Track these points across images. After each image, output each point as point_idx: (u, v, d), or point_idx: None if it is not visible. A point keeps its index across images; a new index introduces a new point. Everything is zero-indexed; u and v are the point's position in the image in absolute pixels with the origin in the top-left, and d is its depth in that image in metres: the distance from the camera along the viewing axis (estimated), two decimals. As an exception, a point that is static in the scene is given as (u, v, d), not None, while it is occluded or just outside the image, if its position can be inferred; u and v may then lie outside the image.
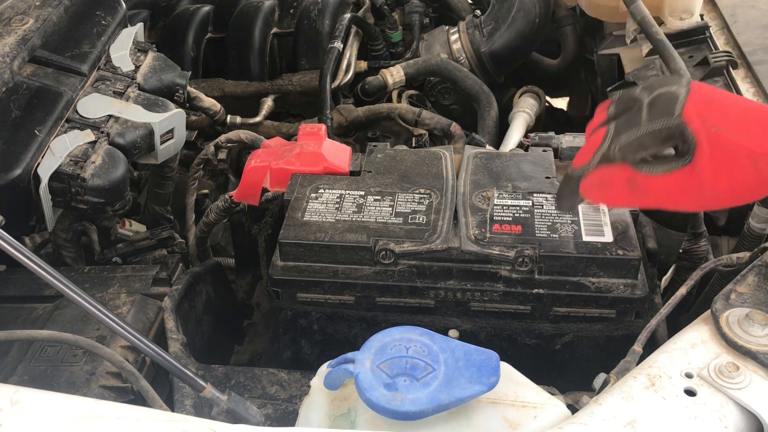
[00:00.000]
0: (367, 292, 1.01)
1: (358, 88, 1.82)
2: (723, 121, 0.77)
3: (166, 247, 1.40)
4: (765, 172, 0.76)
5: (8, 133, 1.13)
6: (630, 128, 0.79)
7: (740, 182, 0.78)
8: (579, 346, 1.02)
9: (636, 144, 0.79)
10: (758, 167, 0.76)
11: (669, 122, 0.78)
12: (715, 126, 0.76)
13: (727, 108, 0.78)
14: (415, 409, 0.71)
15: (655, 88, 0.81)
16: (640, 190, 0.81)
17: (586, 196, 0.85)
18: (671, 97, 0.79)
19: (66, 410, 0.72)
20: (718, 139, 0.76)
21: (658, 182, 0.79)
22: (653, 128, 0.78)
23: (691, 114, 0.77)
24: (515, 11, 1.86)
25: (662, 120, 0.78)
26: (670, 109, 0.78)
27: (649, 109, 0.79)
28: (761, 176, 0.76)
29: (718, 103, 0.78)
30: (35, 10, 1.28)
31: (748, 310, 0.79)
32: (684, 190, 0.79)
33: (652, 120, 0.78)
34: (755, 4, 1.54)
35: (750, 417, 0.72)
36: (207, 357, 1.13)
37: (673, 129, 0.78)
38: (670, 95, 0.79)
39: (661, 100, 0.79)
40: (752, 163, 0.76)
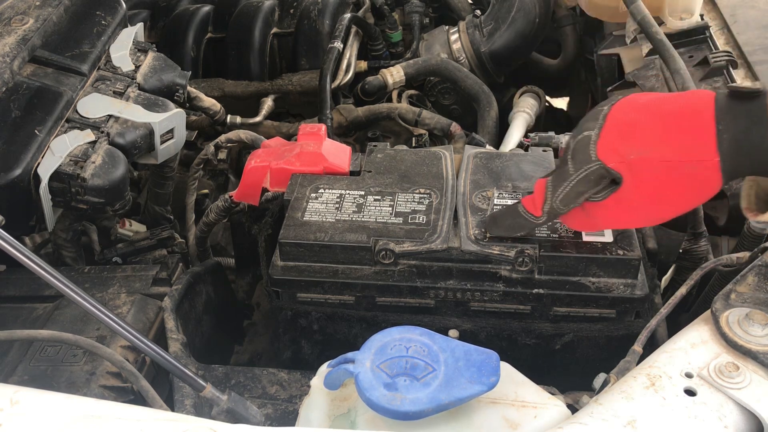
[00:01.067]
0: (367, 292, 1.01)
1: (358, 88, 1.82)
2: (640, 145, 0.78)
3: (166, 247, 1.40)
4: (700, 174, 0.76)
5: (8, 133, 1.13)
6: (562, 182, 0.84)
7: (679, 192, 0.79)
8: (579, 346, 1.02)
9: (573, 194, 0.84)
10: (691, 172, 0.77)
11: (590, 168, 0.81)
12: (632, 152, 0.78)
13: (643, 128, 0.79)
14: (415, 409, 0.71)
15: (576, 135, 0.84)
16: (591, 216, 0.86)
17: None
18: (585, 141, 0.82)
19: (66, 410, 0.72)
20: (640, 163, 0.78)
21: (602, 207, 0.84)
22: (580, 177, 0.82)
23: (605, 152, 0.80)
24: (515, 11, 1.86)
25: (584, 167, 0.82)
26: (586, 153, 0.81)
27: (572, 159, 0.83)
28: (699, 179, 0.77)
29: (631, 129, 0.79)
30: (35, 10, 1.28)
31: (748, 310, 0.79)
32: (625, 211, 0.83)
33: (576, 170, 0.82)
34: (755, 4, 1.54)
35: (750, 417, 0.72)
36: (207, 357, 1.13)
37: (598, 171, 0.81)
38: (584, 140, 0.82)
39: (579, 148, 0.82)
40: (683, 171, 0.77)
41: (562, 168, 0.84)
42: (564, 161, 0.84)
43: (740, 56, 1.40)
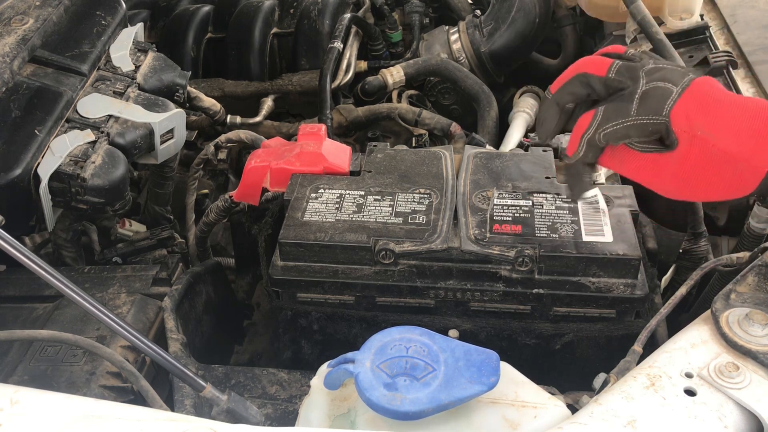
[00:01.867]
0: (367, 292, 1.01)
1: (358, 88, 1.81)
2: (710, 125, 0.78)
3: (166, 247, 1.40)
4: (744, 175, 0.77)
5: (8, 133, 1.13)
6: (617, 118, 0.81)
7: (716, 183, 0.79)
8: (579, 346, 1.02)
9: (621, 133, 0.81)
10: (737, 170, 0.77)
11: (655, 120, 0.79)
12: (702, 129, 0.78)
13: (719, 110, 0.78)
14: (415, 409, 0.71)
15: (654, 79, 0.81)
16: (618, 158, 0.84)
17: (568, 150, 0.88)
18: (664, 93, 0.79)
19: (66, 410, 0.72)
20: (701, 143, 0.78)
21: (636, 156, 0.82)
22: (639, 122, 0.80)
23: (679, 115, 0.78)
24: (515, 11, 1.86)
25: (649, 116, 0.79)
26: (660, 106, 0.79)
27: (639, 101, 0.80)
28: (740, 179, 0.78)
29: (711, 106, 0.79)
30: (35, 10, 1.28)
31: (748, 310, 0.79)
32: (658, 174, 0.82)
33: (639, 114, 0.80)
34: (755, 4, 1.54)
35: (750, 417, 0.72)
36: (207, 357, 1.13)
37: (659, 126, 0.79)
38: (663, 91, 0.80)
39: (653, 95, 0.80)
40: (732, 166, 0.77)
41: (621, 104, 0.81)
42: (625, 98, 0.81)
43: (740, 56, 1.40)
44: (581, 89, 0.86)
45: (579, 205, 1.03)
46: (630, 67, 0.83)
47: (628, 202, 1.04)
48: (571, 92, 0.86)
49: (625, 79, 0.82)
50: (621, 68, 0.83)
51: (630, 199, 1.05)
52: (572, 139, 0.86)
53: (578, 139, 0.85)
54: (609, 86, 0.84)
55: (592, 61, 0.86)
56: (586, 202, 1.04)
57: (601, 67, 0.84)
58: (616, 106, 0.82)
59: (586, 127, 0.84)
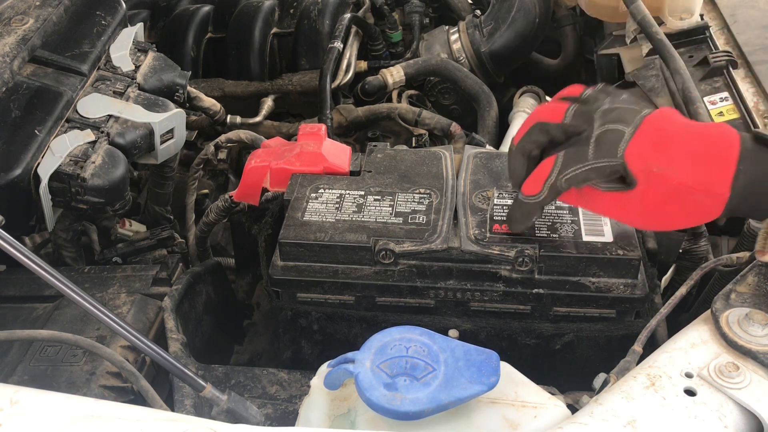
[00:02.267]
0: (367, 292, 1.01)
1: (358, 88, 1.82)
2: (665, 161, 0.80)
3: (166, 247, 1.40)
4: (706, 204, 0.79)
5: (8, 133, 1.13)
6: (576, 162, 0.83)
7: (680, 214, 0.82)
8: (579, 346, 1.02)
9: (582, 177, 0.84)
10: (697, 199, 0.79)
11: (611, 162, 0.81)
12: (657, 165, 0.79)
13: (673, 144, 0.80)
14: (415, 409, 0.71)
15: (607, 122, 0.83)
16: (586, 197, 0.86)
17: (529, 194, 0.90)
18: (616, 136, 0.81)
19: (66, 410, 0.72)
20: (659, 179, 0.80)
21: (600, 195, 0.85)
22: (597, 165, 0.82)
23: (632, 156, 0.80)
24: (515, 11, 1.86)
25: (605, 159, 0.82)
26: (613, 149, 0.81)
27: (595, 145, 0.83)
28: (703, 207, 0.80)
29: (664, 141, 0.80)
30: (35, 10, 1.28)
31: (748, 310, 0.79)
32: (624, 210, 0.84)
33: (596, 157, 0.82)
34: (755, 4, 1.54)
35: (750, 417, 0.72)
36: (207, 357, 1.13)
37: (616, 167, 0.81)
38: (615, 134, 0.82)
39: (606, 139, 0.82)
40: (691, 196, 0.79)
41: (579, 149, 0.83)
42: (582, 142, 0.83)
43: (740, 56, 1.40)
44: (541, 137, 0.88)
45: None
46: (584, 111, 0.86)
47: (628, 202, 1.04)
48: (532, 141, 0.89)
49: (581, 122, 0.85)
50: (576, 113, 0.86)
51: (630, 199, 1.05)
52: (532, 181, 0.88)
53: (541, 183, 0.87)
54: (566, 131, 0.86)
55: (548, 108, 0.89)
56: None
57: (558, 114, 0.87)
58: (575, 151, 0.84)
59: (548, 172, 0.86)
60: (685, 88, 1.25)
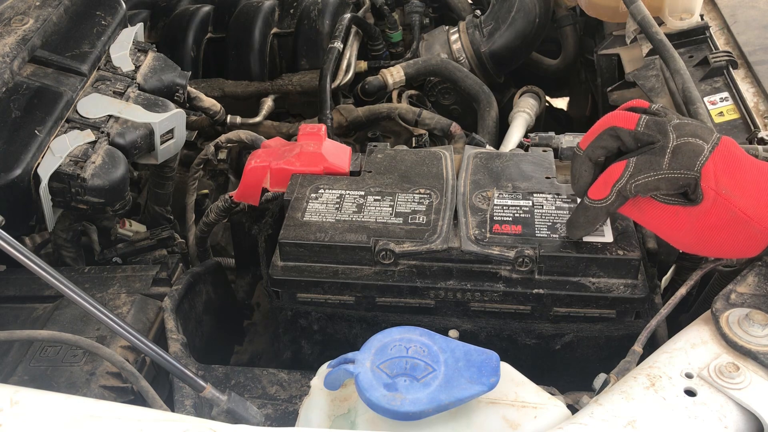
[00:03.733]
0: (367, 292, 1.01)
1: (358, 88, 1.82)
2: (734, 186, 0.81)
3: (166, 247, 1.40)
4: (756, 238, 0.82)
5: (8, 133, 1.13)
6: (649, 171, 0.83)
7: (730, 241, 0.83)
8: (579, 346, 1.02)
9: (652, 185, 0.83)
10: (751, 231, 0.81)
11: (687, 175, 0.82)
12: (726, 188, 0.81)
13: (743, 172, 0.82)
14: (415, 409, 0.71)
15: (684, 135, 0.83)
16: (638, 207, 0.86)
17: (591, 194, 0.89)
18: (696, 150, 0.82)
19: (66, 410, 0.72)
20: (724, 201, 0.81)
21: (657, 207, 0.85)
22: (671, 176, 0.82)
23: (708, 173, 0.81)
24: (515, 11, 1.86)
25: (681, 171, 0.82)
26: (692, 162, 0.82)
27: (672, 155, 0.82)
28: (752, 239, 0.82)
29: (736, 167, 0.82)
30: (35, 10, 1.28)
31: (748, 311, 0.79)
32: (676, 226, 0.85)
33: (672, 168, 0.82)
34: (755, 4, 1.54)
35: (750, 417, 0.72)
36: (207, 357, 1.13)
37: (689, 180, 0.82)
38: (695, 147, 0.82)
39: (685, 151, 0.82)
40: (747, 227, 0.81)
41: (653, 157, 0.83)
42: (656, 151, 0.83)
43: (740, 56, 1.40)
44: (612, 142, 0.87)
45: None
46: (658, 122, 0.85)
47: (628, 203, 1.04)
48: (602, 146, 0.88)
49: (654, 133, 0.84)
50: (649, 123, 0.85)
51: (630, 199, 1.05)
52: (599, 186, 0.87)
53: (609, 187, 0.86)
54: (639, 139, 0.85)
55: (620, 115, 0.88)
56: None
57: (630, 121, 0.86)
58: (648, 159, 0.83)
59: (617, 176, 0.85)
60: (685, 88, 1.25)
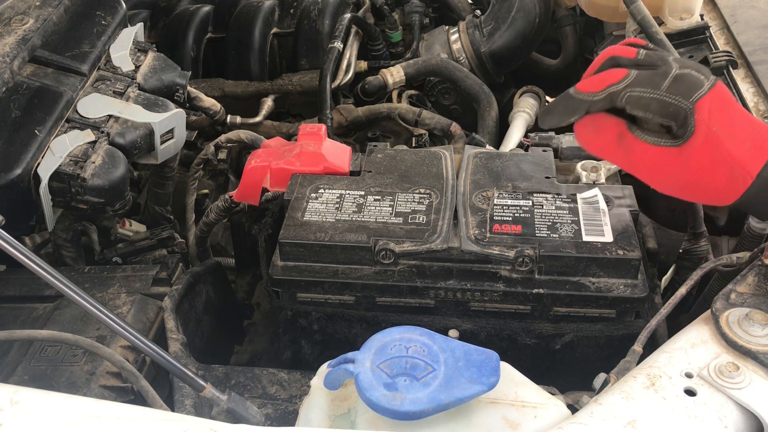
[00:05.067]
0: (367, 292, 1.01)
1: (358, 88, 1.82)
2: (725, 125, 0.81)
3: (166, 247, 1.40)
4: (736, 180, 0.82)
5: (8, 133, 1.13)
6: (647, 86, 0.82)
7: (714, 183, 0.83)
8: (579, 346, 1.01)
9: (644, 103, 0.82)
10: (733, 174, 0.81)
11: (680, 103, 0.81)
12: (717, 126, 0.81)
13: (733, 114, 0.82)
14: (415, 409, 0.71)
15: (686, 66, 0.83)
16: (625, 148, 0.85)
17: (577, 135, 0.89)
18: (696, 82, 0.82)
19: (66, 410, 0.72)
20: (714, 139, 0.81)
21: (644, 149, 0.84)
22: (666, 99, 0.81)
23: (703, 107, 0.81)
24: (515, 11, 1.86)
25: (678, 97, 0.81)
26: (690, 92, 0.81)
27: (672, 81, 0.82)
28: (732, 183, 0.82)
29: (730, 108, 0.82)
30: (35, 10, 1.28)
31: (748, 310, 0.79)
32: (663, 167, 0.84)
33: (669, 92, 0.81)
34: (755, 4, 1.54)
35: (750, 417, 0.72)
36: (207, 357, 1.13)
37: (681, 111, 0.81)
38: (695, 80, 0.82)
39: (686, 80, 0.82)
40: (730, 169, 0.81)
41: (655, 76, 0.82)
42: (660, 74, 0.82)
43: (740, 56, 1.40)
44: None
45: (579, 205, 1.03)
46: (659, 53, 0.85)
47: (628, 202, 1.05)
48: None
49: (656, 59, 0.84)
50: (650, 53, 0.85)
51: (630, 199, 1.05)
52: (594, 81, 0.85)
53: (603, 86, 0.83)
54: (639, 65, 0.85)
55: (620, 48, 0.87)
56: (586, 202, 1.04)
57: (630, 52, 0.86)
58: (650, 76, 0.83)
59: (615, 80, 0.83)
60: (685, 88, 1.25)
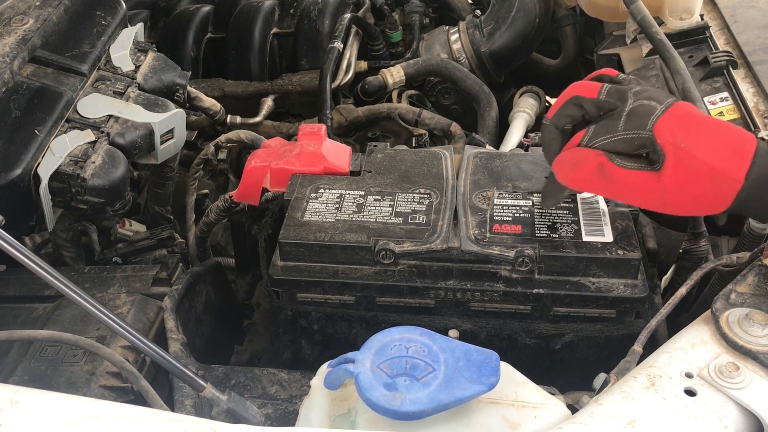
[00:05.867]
0: (367, 292, 1.01)
1: (358, 88, 1.82)
2: (693, 140, 0.83)
3: (166, 247, 1.40)
4: (723, 189, 0.82)
5: (8, 133, 1.13)
6: (606, 133, 0.87)
7: (700, 195, 0.84)
8: (579, 346, 1.02)
9: (609, 147, 0.86)
10: (717, 183, 0.82)
11: (640, 134, 0.85)
12: (685, 143, 0.83)
13: (700, 128, 0.84)
14: (415, 409, 0.71)
15: (640, 98, 0.87)
16: (608, 178, 0.87)
17: (558, 174, 0.91)
18: (648, 110, 0.85)
19: (66, 410, 0.72)
20: (685, 154, 0.83)
21: (626, 175, 0.86)
22: (625, 136, 0.85)
23: (662, 129, 0.84)
24: (515, 11, 1.86)
25: (635, 131, 0.85)
26: (644, 122, 0.85)
27: (626, 118, 0.86)
28: (719, 192, 0.83)
29: (693, 123, 0.84)
30: (35, 10, 1.28)
31: (748, 310, 0.79)
32: (647, 191, 0.86)
33: (626, 129, 0.86)
34: (755, 4, 1.54)
35: (750, 417, 0.72)
36: (207, 357, 1.13)
37: (644, 140, 0.85)
38: (647, 108, 0.85)
39: (639, 112, 0.85)
40: (713, 179, 0.82)
41: (610, 121, 0.87)
42: (614, 116, 0.86)
43: (740, 56, 1.40)
44: (575, 111, 0.92)
45: (579, 205, 1.03)
46: (619, 89, 0.89)
47: (628, 202, 1.04)
48: (566, 114, 0.93)
49: (615, 100, 0.88)
50: (611, 90, 0.89)
51: (630, 199, 1.05)
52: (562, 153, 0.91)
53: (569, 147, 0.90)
54: (600, 107, 0.89)
55: (583, 85, 0.92)
56: (585, 202, 1.04)
57: (592, 90, 0.90)
58: (606, 123, 0.87)
59: (578, 142, 0.89)
60: (685, 88, 1.25)
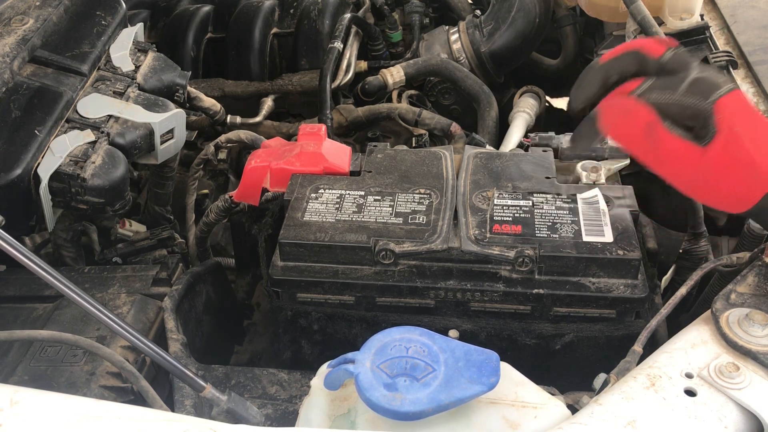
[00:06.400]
0: (367, 292, 1.01)
1: (358, 88, 1.82)
2: (746, 129, 0.80)
3: (166, 247, 1.40)
4: (756, 185, 0.80)
5: (8, 133, 1.13)
6: (664, 90, 0.81)
7: (735, 184, 0.81)
8: (579, 346, 1.02)
9: (663, 107, 0.81)
10: (753, 178, 0.80)
11: (700, 104, 0.80)
12: (739, 128, 0.80)
13: (755, 121, 0.81)
14: (415, 410, 0.71)
15: (703, 71, 0.82)
16: (653, 140, 0.82)
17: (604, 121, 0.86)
18: (714, 84, 0.81)
19: (66, 410, 0.72)
20: (736, 139, 0.79)
21: (673, 141, 0.82)
22: (684, 102, 0.81)
23: (724, 107, 0.80)
24: (515, 11, 1.86)
25: (696, 98, 0.80)
26: (708, 93, 0.80)
27: (690, 84, 0.81)
28: (751, 187, 0.80)
29: (750, 114, 0.82)
30: (35, 10, 1.28)
31: (748, 311, 0.79)
32: (688, 164, 0.82)
33: (688, 93, 0.81)
34: (755, 4, 1.54)
35: (750, 417, 0.72)
36: (207, 357, 1.13)
37: (701, 112, 0.80)
38: (713, 81, 0.81)
39: (704, 82, 0.81)
40: (751, 172, 0.80)
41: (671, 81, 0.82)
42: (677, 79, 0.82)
43: (740, 56, 1.40)
44: (632, 65, 0.86)
45: (579, 205, 1.03)
46: (685, 57, 0.84)
47: (628, 202, 1.04)
48: (623, 64, 0.86)
49: (679, 66, 0.83)
50: (678, 55, 0.84)
51: (630, 199, 1.05)
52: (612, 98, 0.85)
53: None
54: (662, 69, 0.84)
55: (649, 42, 0.86)
56: (586, 202, 1.04)
57: (658, 50, 0.85)
58: (666, 81, 0.82)
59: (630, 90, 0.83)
60: (685, 88, 1.25)
